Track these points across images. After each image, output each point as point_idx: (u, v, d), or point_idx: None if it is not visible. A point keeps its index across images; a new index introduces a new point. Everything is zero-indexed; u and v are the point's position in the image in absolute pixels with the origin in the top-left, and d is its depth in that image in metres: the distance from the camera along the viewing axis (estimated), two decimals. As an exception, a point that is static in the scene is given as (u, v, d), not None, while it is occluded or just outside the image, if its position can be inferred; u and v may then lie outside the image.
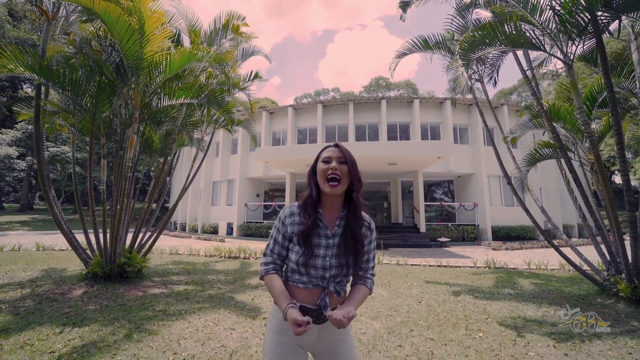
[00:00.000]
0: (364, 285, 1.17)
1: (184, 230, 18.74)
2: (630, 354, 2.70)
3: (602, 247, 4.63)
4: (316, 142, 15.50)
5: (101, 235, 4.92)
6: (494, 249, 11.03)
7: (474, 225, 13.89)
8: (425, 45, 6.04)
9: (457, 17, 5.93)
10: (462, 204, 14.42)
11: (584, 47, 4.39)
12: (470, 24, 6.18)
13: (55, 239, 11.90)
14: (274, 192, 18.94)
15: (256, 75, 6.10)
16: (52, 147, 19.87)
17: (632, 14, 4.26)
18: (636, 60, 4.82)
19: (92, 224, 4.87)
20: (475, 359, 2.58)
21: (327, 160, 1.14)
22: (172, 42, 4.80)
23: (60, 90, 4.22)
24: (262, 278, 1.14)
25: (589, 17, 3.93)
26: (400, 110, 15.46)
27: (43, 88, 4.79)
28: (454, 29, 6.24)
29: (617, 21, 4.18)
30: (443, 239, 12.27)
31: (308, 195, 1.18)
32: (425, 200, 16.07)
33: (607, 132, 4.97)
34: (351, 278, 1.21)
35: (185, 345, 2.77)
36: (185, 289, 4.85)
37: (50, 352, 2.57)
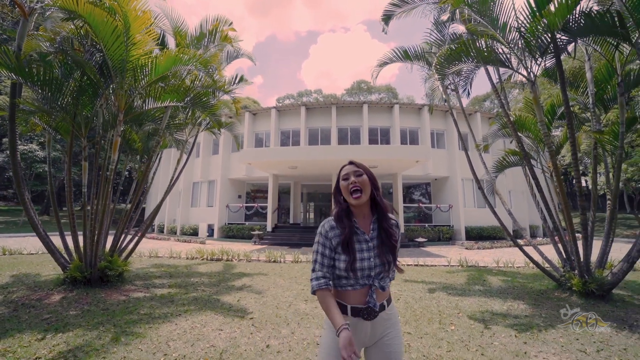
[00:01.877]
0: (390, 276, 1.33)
1: (162, 232, 18.22)
2: (577, 339, 3.08)
3: (560, 246, 5.11)
4: (299, 144, 15.63)
5: (81, 238, 4.81)
6: (467, 249, 11.66)
7: (449, 225, 14.57)
8: (405, 56, 6.37)
9: (435, 31, 6.31)
10: (438, 205, 15.08)
11: (545, 65, 4.85)
12: (447, 36, 6.59)
13: (22, 242, 11.27)
14: (255, 193, 18.85)
15: (242, 79, 6.16)
16: (19, 144, 18.64)
17: (585, 39, 4.78)
18: (589, 78, 5.38)
19: (71, 226, 4.75)
20: (447, 350, 2.85)
21: (346, 177, 1.30)
22: (157, 43, 4.78)
23: (40, 90, 4.11)
24: (314, 293, 1.21)
25: (550, 38, 4.37)
26: (381, 115, 15.93)
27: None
28: (432, 41, 6.63)
29: (574, 43, 4.69)
30: (420, 239, 12.79)
31: (339, 209, 1.31)
32: (404, 201, 16.66)
33: (565, 142, 5.49)
34: (393, 275, 1.33)
35: (175, 347, 2.85)
36: (169, 292, 4.84)
37: (36, 358, 2.56)
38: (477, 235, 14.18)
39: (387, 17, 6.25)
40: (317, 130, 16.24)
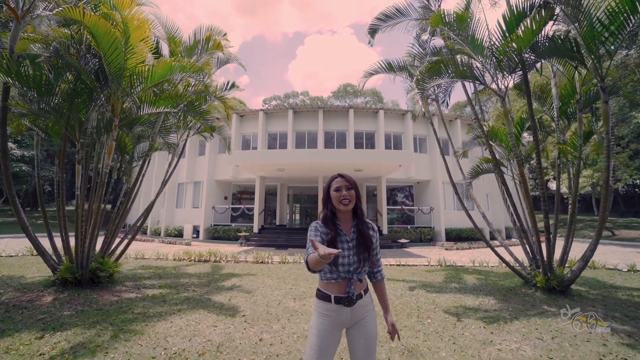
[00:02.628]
0: (381, 280, 1.68)
1: (145, 233, 17.90)
2: (537, 329, 3.49)
3: (527, 247, 5.61)
4: (286, 146, 15.82)
5: (71, 240, 4.86)
6: (446, 249, 12.22)
7: (430, 227, 15.17)
8: (389, 68, 6.76)
9: (416, 45, 6.73)
10: (420, 208, 15.66)
11: (515, 82, 5.35)
12: (429, 49, 7.03)
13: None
14: (242, 194, 18.86)
15: (233, 85, 6.33)
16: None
17: (550, 59, 5.31)
18: (555, 94, 5.93)
19: (62, 228, 4.79)
20: (423, 340, 3.18)
21: (338, 189, 1.58)
22: (153, 52, 4.91)
23: (35, 94, 4.17)
24: (307, 262, 1.34)
25: (518, 58, 4.85)
26: (367, 120, 16.38)
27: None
28: (415, 54, 7.06)
29: (540, 62, 5.20)
30: (403, 240, 13.28)
31: (325, 214, 1.60)
32: (388, 203, 17.18)
33: (532, 152, 6.02)
34: (367, 269, 1.60)
35: (173, 342, 3.03)
36: (160, 292, 4.96)
37: (40, 355, 2.69)
38: (456, 236, 14.84)
39: (372, 31, 6.62)
40: (304, 133, 16.50)
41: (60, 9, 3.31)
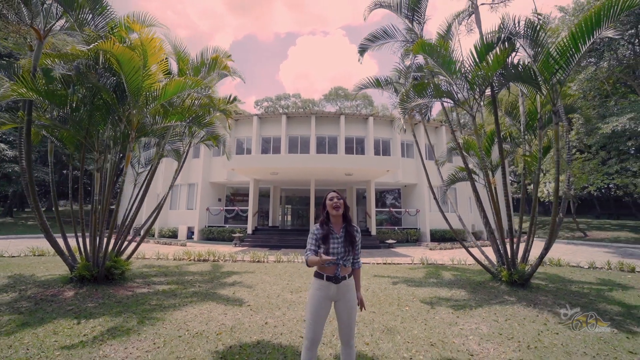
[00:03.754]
0: (358, 268, 2.31)
1: (139, 234, 18.11)
2: (495, 314, 4.21)
3: (495, 246, 6.37)
4: (280, 150, 16.39)
5: (88, 240, 5.33)
6: (430, 249, 13.03)
7: (416, 228, 16.01)
8: (377, 83, 7.47)
9: (402, 64, 7.46)
10: (407, 210, 16.49)
11: (484, 102, 6.12)
12: (413, 66, 7.77)
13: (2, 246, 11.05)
14: (235, 196, 19.30)
15: (235, 99, 6.90)
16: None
17: (517, 83, 6.10)
18: (522, 111, 6.74)
19: (81, 230, 5.27)
20: (401, 322, 3.85)
21: (331, 199, 2.24)
22: (165, 71, 5.44)
23: (59, 109, 4.66)
24: (306, 258, 2.07)
25: (488, 82, 5.61)
26: (357, 126, 17.12)
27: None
28: (400, 70, 7.79)
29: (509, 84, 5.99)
30: (390, 241, 14.03)
31: (321, 219, 2.25)
32: (377, 205, 17.94)
33: (500, 163, 6.81)
34: (351, 259, 2.23)
35: (193, 326, 3.61)
36: (169, 287, 5.49)
37: (84, 335, 3.23)
38: (440, 237, 15.71)
39: (362, 50, 7.31)
40: (297, 138, 17.11)
41: (96, 43, 3.83)
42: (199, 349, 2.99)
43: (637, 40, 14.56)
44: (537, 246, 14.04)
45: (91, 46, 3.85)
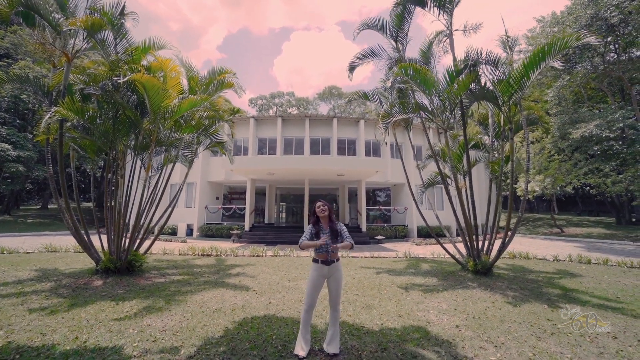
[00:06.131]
0: (348, 243, 3.10)
1: (152, 232, 18.76)
2: (456, 295, 5.17)
3: (464, 241, 7.35)
4: (275, 151, 17.21)
5: (109, 237, 6.12)
6: (416, 244, 14.06)
7: (404, 225, 17.05)
8: (365, 97, 8.36)
9: (387, 79, 8.36)
10: (395, 208, 17.50)
11: (455, 119, 7.06)
12: (397, 79, 8.66)
13: (10, 242, 11.65)
14: (232, 195, 20.06)
15: (237, 111, 7.70)
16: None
17: (483, 101, 7.05)
18: (491, 123, 7.71)
19: (106, 228, 6.06)
20: (379, 301, 4.78)
21: (319, 206, 3.12)
22: (180, 92, 6.25)
23: (90, 125, 5.43)
24: (300, 244, 3.02)
25: (458, 100, 6.54)
26: (349, 128, 18.02)
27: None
28: (385, 87, 8.69)
29: (475, 102, 6.93)
30: (380, 237, 15.02)
31: (313, 220, 3.11)
32: (369, 203, 18.94)
33: (470, 169, 7.79)
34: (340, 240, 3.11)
35: (211, 304, 4.47)
36: (183, 277, 6.33)
37: (126, 312, 4.07)
38: (426, 233, 16.77)
39: (352, 67, 8.18)
40: (292, 140, 17.93)
41: (130, 75, 4.62)
42: (220, 319, 3.87)
43: (611, 48, 15.73)
44: (518, 242, 15.16)
45: (126, 78, 4.63)
